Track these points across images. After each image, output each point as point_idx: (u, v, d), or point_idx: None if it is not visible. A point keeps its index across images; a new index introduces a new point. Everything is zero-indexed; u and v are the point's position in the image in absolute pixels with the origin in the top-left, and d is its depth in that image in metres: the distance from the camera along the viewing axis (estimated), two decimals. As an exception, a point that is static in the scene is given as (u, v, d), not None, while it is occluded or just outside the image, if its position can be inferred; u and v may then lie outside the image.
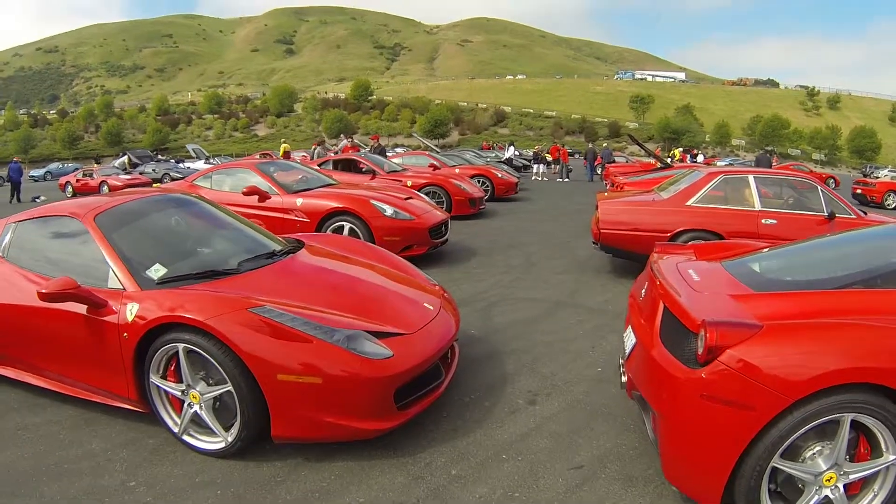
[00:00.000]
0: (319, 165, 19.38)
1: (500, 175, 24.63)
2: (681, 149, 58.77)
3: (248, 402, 4.42)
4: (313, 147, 28.46)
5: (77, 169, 48.50)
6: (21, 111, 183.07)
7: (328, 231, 11.09)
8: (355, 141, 26.32)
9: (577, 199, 24.73)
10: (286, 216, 11.52)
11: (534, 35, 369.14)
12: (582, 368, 6.38)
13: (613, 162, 40.13)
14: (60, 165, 72.58)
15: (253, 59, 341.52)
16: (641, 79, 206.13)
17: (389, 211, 11.08)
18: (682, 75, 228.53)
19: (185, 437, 4.79)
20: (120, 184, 35.18)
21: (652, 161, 28.33)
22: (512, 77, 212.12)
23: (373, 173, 18.38)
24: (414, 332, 5.10)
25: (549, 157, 41.15)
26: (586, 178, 39.20)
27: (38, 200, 34.16)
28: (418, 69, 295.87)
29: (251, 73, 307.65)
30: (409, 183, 17.53)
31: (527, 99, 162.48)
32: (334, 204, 11.26)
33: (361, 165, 19.09)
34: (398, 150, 53.48)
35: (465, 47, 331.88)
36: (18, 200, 33.98)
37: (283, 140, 60.71)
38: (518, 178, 28.83)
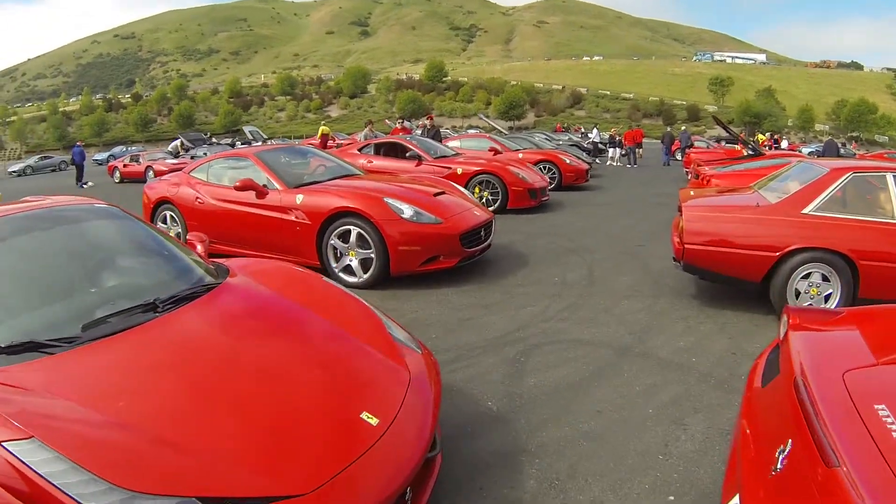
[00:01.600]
0: (361, 150, 17.52)
1: (568, 161, 21.94)
2: (767, 133, 54.90)
3: None
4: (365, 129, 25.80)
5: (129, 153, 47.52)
6: (97, 96, 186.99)
7: (332, 237, 8.94)
8: (405, 123, 23.71)
9: (656, 189, 21.98)
10: (284, 216, 9.31)
11: (610, 16, 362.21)
12: (644, 496, 3.91)
13: (692, 146, 38.05)
14: (124, 149, 71.16)
15: (328, 41, 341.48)
16: (720, 60, 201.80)
17: (408, 212, 8.70)
18: (762, 57, 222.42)
19: None
20: (165, 169, 33.09)
21: (737, 147, 25.70)
22: (588, 58, 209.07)
23: (418, 159, 16.17)
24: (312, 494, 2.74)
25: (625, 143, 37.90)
26: (662, 163, 37.05)
27: (85, 186, 34.28)
28: (494, 50, 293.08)
29: (326, 56, 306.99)
30: (460, 171, 15.65)
31: (603, 80, 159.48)
32: (339, 202, 8.89)
33: (408, 150, 16.66)
34: (471, 131, 50.86)
35: (542, 28, 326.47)
36: (83, 181, 35.24)
37: (322, 122, 59.05)
38: (591, 163, 26.26)
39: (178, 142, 45.16)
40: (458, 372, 5.81)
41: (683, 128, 48.69)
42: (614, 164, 36.31)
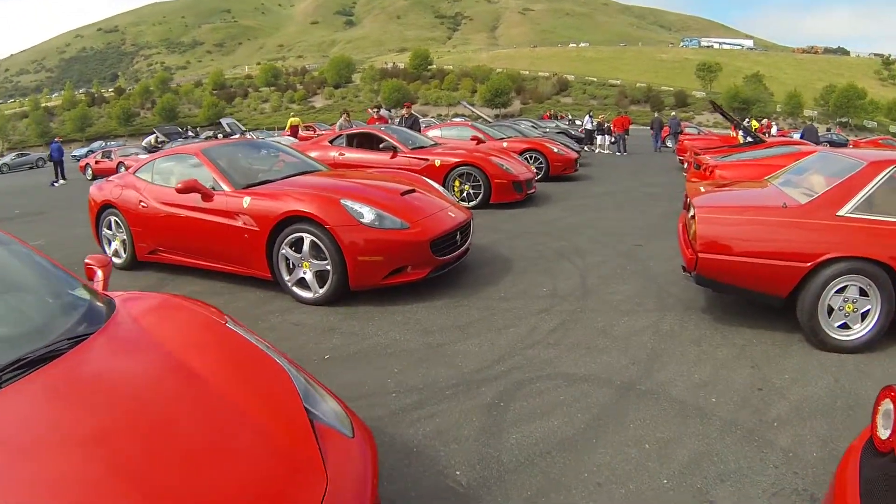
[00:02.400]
0: (332, 141, 16.32)
1: (555, 150, 20.70)
2: (764, 119, 53.44)
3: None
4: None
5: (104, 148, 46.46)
6: (80, 90, 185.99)
7: (284, 246, 7.75)
8: (382, 111, 22.37)
9: (648, 179, 20.87)
10: (231, 222, 8.13)
11: (596, 3, 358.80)
12: None
13: (681, 132, 37.07)
14: (104, 144, 69.74)
15: (312, 31, 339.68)
16: (708, 46, 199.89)
17: (369, 216, 7.50)
18: (749, 43, 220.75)
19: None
20: (139, 165, 31.56)
21: (731, 133, 24.56)
22: (575, 45, 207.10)
23: (394, 150, 15.03)
24: None
25: (614, 130, 36.66)
26: (653, 149, 36.31)
27: (56, 185, 33.25)
28: (480, 38, 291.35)
29: (311, 46, 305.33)
30: (438, 162, 14.54)
31: (590, 67, 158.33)
32: (290, 206, 7.67)
33: (382, 141, 15.50)
34: (457, 119, 49.51)
35: (527, 16, 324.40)
36: (64, 178, 34.72)
37: (291, 113, 58.14)
38: (579, 151, 25.03)
39: (152, 137, 43.55)
40: (421, 424, 4.63)
41: (673, 113, 47.24)
42: (603, 151, 35.14)
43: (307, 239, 7.52)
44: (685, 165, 17.74)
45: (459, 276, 8.61)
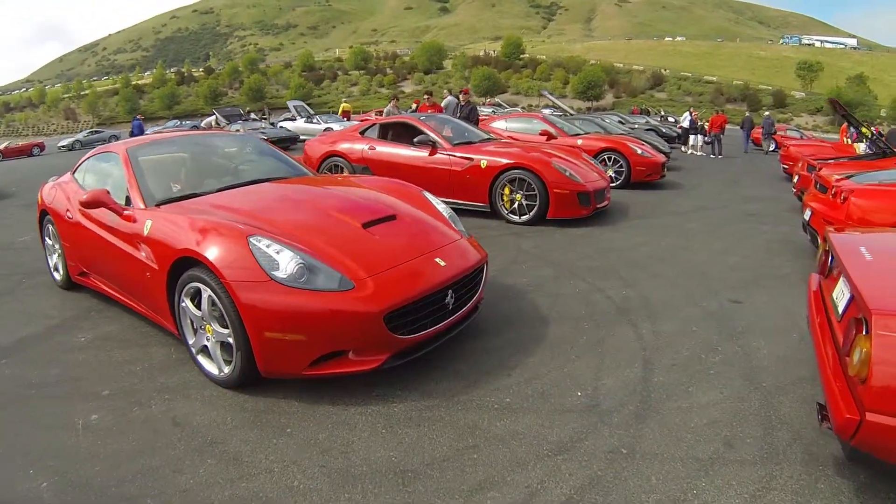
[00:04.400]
0: (364, 132, 13.88)
1: (639, 151, 17.28)
2: (877, 124, 49.04)
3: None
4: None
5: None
6: (172, 70, 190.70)
7: (183, 297, 5.31)
8: (431, 97, 19.32)
9: (745, 190, 17.38)
10: (135, 253, 5.81)
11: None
12: None
13: (774, 133, 35.35)
14: (178, 122, 68.12)
15: (406, 16, 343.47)
16: (808, 44, 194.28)
17: (287, 266, 4.80)
18: (853, 42, 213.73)
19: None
20: None
21: (847, 141, 21.08)
22: (671, 39, 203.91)
23: (432, 146, 12.33)
24: None
25: (709, 130, 33.06)
26: (743, 150, 33.97)
27: None
28: (575, 29, 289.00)
29: (404, 31, 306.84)
30: (485, 163, 11.76)
31: (686, 62, 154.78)
32: (186, 241, 5.15)
33: (419, 134, 12.69)
34: (545, 110, 46.38)
35: (623, 8, 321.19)
36: None
37: (343, 98, 56.60)
38: (668, 153, 21.67)
39: (212, 118, 41.34)
40: None
41: (767, 113, 43.27)
42: (696, 153, 31.42)
43: (205, 293, 4.93)
44: (795, 179, 14.20)
45: (450, 354, 5.72)
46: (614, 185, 16.30)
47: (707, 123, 33.41)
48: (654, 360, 5.49)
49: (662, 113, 64.30)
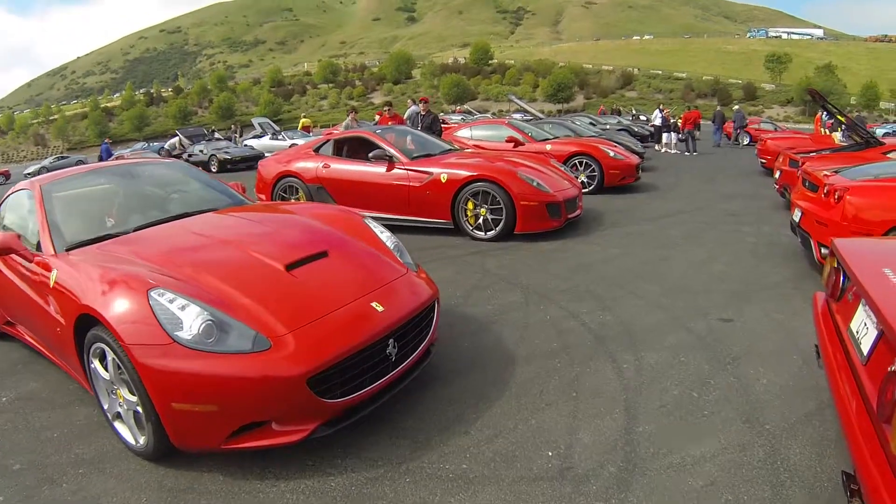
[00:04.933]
0: (318, 149, 13.06)
1: (611, 154, 16.41)
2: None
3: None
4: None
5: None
6: (140, 91, 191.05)
7: (92, 358, 4.54)
8: (391, 109, 18.48)
9: (724, 188, 16.74)
10: (45, 305, 5.08)
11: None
12: None
13: (745, 126, 36.00)
14: (146, 145, 67.02)
15: (374, 28, 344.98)
16: (776, 37, 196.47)
17: (192, 325, 4.00)
18: (819, 32, 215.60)
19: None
20: None
21: (825, 131, 20.41)
22: (639, 38, 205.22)
23: (389, 160, 11.57)
24: None
25: (682, 127, 32.28)
26: (713, 143, 34.02)
27: None
28: (543, 33, 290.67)
29: (373, 43, 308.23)
30: (445, 177, 10.97)
31: (655, 60, 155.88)
32: (88, 297, 4.48)
33: (374, 148, 11.84)
34: (516, 115, 45.68)
35: (590, 9, 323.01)
36: None
37: (302, 114, 56.28)
38: (642, 154, 20.97)
39: (175, 139, 41.48)
40: None
41: (737, 106, 42.89)
42: (670, 151, 30.73)
43: (108, 355, 4.21)
44: (777, 175, 13.48)
45: (399, 408, 4.92)
46: (587, 190, 15.58)
47: (679, 120, 32.63)
48: (637, 403, 4.70)
49: (634, 112, 63.66)
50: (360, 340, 4.26)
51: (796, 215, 8.49)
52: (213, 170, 32.24)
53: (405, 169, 11.34)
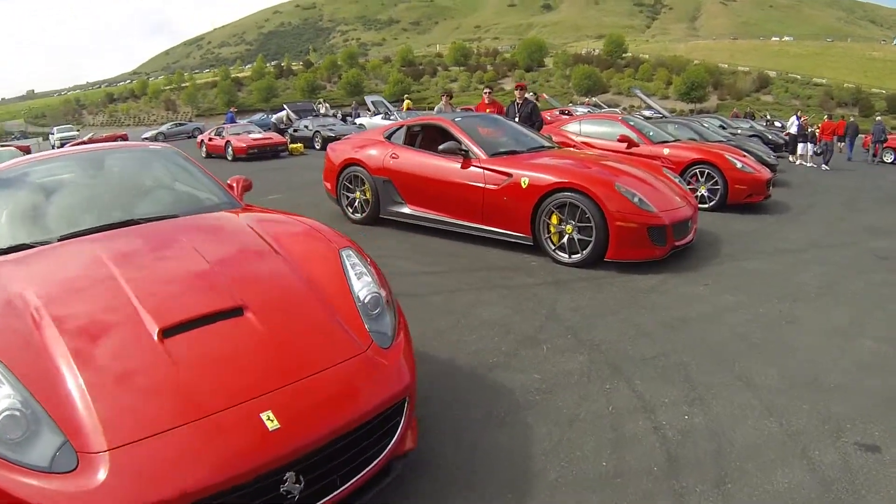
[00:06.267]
0: (390, 136, 11.36)
1: (738, 165, 13.85)
2: None
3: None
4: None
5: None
6: (272, 63, 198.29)
7: None
8: (527, 95, 16.12)
9: (869, 215, 13.86)
10: None
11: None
12: None
13: (885, 140, 33.51)
14: (264, 116, 66.38)
15: (509, 13, 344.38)
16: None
17: None
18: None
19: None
20: (244, 145, 29.36)
21: None
22: (778, 39, 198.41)
23: (464, 156, 9.68)
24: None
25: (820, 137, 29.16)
26: (846, 157, 31.23)
27: None
28: (679, 28, 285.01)
29: (507, 28, 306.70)
30: (525, 182, 8.92)
31: (793, 63, 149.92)
32: None
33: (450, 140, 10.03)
34: (645, 112, 43.16)
35: (729, 6, 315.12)
36: None
37: (405, 96, 54.92)
38: (775, 165, 18.35)
39: (283, 113, 41.75)
40: None
41: (878, 118, 38.91)
42: (805, 163, 27.85)
43: None
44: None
45: None
46: (706, 206, 13.37)
47: (817, 129, 29.63)
48: None
49: (768, 117, 60.34)
50: (224, 477, 2.69)
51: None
52: (317, 147, 32.69)
53: (481, 167, 9.45)
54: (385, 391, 3.33)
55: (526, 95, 15.01)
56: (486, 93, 16.18)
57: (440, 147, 9.83)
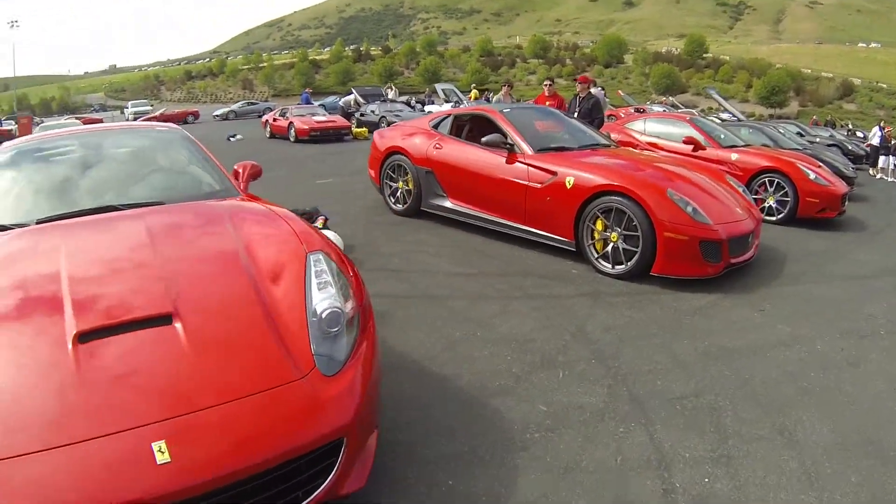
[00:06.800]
0: (437, 125, 10.88)
1: (812, 176, 12.77)
2: None
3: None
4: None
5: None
6: (351, 47, 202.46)
7: None
8: (553, 88, 15.58)
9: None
10: None
11: (892, 0, 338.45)
12: None
13: None
14: (336, 99, 66.38)
15: (591, 9, 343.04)
16: None
17: None
18: None
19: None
20: (306, 127, 29.42)
21: None
22: (864, 45, 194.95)
23: (510, 150, 9.09)
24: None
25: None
26: None
27: (232, 140, 32.40)
28: (762, 31, 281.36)
29: (589, 23, 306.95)
30: (570, 183, 8.26)
31: (880, 71, 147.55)
32: None
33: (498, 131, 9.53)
34: (724, 116, 42.10)
35: (815, 10, 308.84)
36: (231, 136, 33.98)
37: (472, 85, 54.96)
38: (853, 178, 17.34)
39: (351, 97, 42.12)
40: None
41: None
42: (886, 178, 26.50)
43: None
44: None
45: None
46: (774, 219, 12.47)
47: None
48: None
49: (850, 126, 58.68)
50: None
51: None
52: (384, 132, 32.63)
53: (526, 163, 8.81)
54: (314, 429, 2.83)
55: (591, 90, 14.36)
56: (546, 85, 15.56)
57: (483, 139, 9.23)
